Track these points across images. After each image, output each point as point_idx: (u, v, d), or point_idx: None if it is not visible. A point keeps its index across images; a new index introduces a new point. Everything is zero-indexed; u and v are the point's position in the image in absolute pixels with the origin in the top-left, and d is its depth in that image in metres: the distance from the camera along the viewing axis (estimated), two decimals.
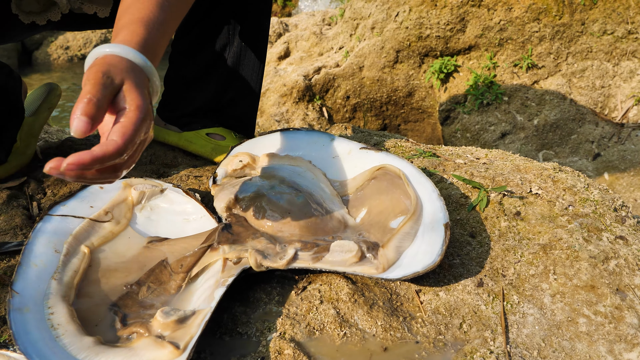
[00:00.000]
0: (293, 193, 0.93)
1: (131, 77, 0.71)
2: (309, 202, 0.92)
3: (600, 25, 2.52)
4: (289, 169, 1.02)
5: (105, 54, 0.72)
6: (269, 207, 0.90)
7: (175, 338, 0.68)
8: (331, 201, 0.96)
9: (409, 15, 2.73)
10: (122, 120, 0.67)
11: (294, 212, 0.89)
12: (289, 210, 0.89)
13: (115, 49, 0.73)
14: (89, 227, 0.87)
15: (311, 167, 1.03)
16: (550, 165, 1.09)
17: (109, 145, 0.64)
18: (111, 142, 0.65)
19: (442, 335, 0.75)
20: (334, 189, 1.01)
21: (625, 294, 0.82)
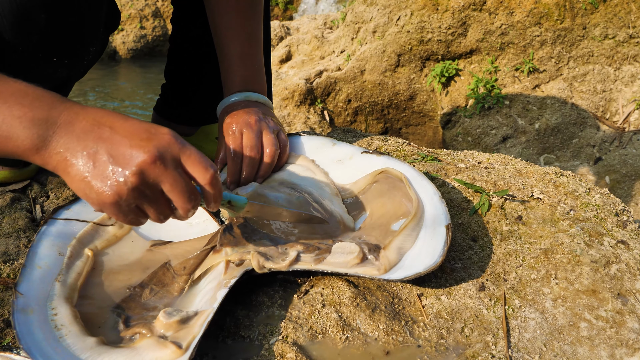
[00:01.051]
0: (292, 193, 0.94)
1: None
2: (308, 202, 0.92)
3: (602, 29, 2.53)
4: (288, 170, 1.03)
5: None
6: (266, 209, 0.90)
7: (178, 338, 0.69)
8: (330, 200, 0.96)
9: (411, 19, 2.74)
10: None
11: (293, 212, 0.90)
12: (286, 210, 0.90)
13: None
14: (92, 230, 0.88)
15: (312, 167, 1.04)
16: (551, 170, 1.10)
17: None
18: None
19: (443, 339, 0.75)
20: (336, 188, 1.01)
21: (627, 299, 0.82)
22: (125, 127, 0.66)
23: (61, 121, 0.65)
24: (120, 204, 0.66)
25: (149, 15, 6.31)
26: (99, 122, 0.66)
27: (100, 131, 0.65)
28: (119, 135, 0.65)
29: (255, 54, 1.10)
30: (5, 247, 0.92)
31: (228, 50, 1.08)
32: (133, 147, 0.65)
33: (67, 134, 0.64)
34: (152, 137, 0.66)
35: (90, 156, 0.64)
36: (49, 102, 0.66)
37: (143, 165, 0.65)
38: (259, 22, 1.11)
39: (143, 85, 5.26)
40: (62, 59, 0.95)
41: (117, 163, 0.64)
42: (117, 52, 6.14)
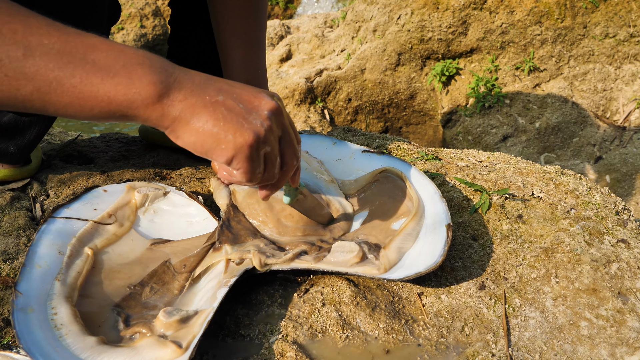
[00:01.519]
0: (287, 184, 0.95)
1: None
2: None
3: (602, 28, 2.53)
4: None
5: None
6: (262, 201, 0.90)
7: (178, 337, 0.69)
8: (327, 188, 0.96)
9: (411, 18, 2.74)
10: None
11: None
12: (285, 202, 0.90)
13: None
14: (92, 229, 0.88)
15: (306, 157, 1.04)
16: (552, 169, 1.09)
17: None
18: None
19: (444, 338, 0.75)
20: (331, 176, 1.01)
21: (627, 298, 0.82)
22: (237, 83, 0.68)
23: (178, 72, 0.63)
24: (256, 148, 0.66)
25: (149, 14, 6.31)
26: (211, 78, 0.66)
27: (219, 84, 0.65)
28: (237, 88, 0.67)
29: (258, 59, 1.11)
30: (5, 245, 0.92)
31: (231, 54, 1.08)
32: (257, 97, 0.67)
33: (187, 83, 0.63)
34: (266, 91, 0.69)
35: (220, 103, 0.63)
36: (159, 56, 0.64)
37: (272, 109, 0.67)
38: (262, 27, 1.12)
39: None
40: None
41: (248, 109, 0.66)
42: None
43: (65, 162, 1.24)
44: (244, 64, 1.09)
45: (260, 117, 0.66)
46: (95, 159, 1.26)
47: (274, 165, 0.71)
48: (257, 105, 0.67)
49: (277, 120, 0.68)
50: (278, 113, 0.68)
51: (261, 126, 0.65)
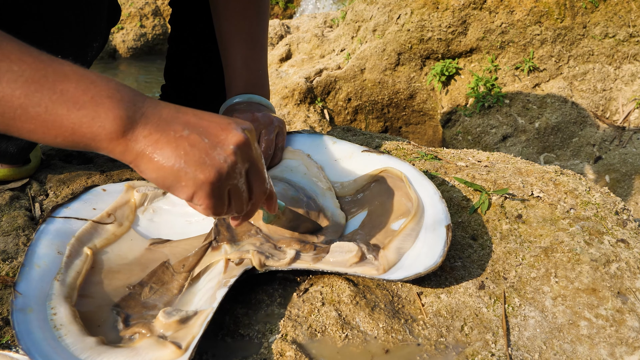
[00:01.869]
0: (287, 188, 0.94)
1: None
2: (302, 199, 0.92)
3: (602, 28, 2.53)
4: (282, 165, 1.03)
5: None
6: None
7: (178, 338, 0.69)
8: (323, 196, 0.96)
9: (411, 18, 2.74)
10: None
11: (285, 206, 0.90)
12: (280, 205, 0.90)
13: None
14: (91, 229, 0.88)
15: (307, 162, 1.04)
16: (551, 169, 1.09)
17: None
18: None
19: (443, 338, 0.75)
20: (333, 186, 1.01)
21: (627, 297, 0.82)
22: (207, 114, 0.67)
23: (146, 106, 0.63)
24: (218, 186, 0.65)
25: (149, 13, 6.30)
26: (180, 110, 0.66)
27: (186, 117, 0.65)
28: (205, 120, 0.66)
29: (260, 59, 1.11)
30: (4, 245, 0.91)
31: (233, 54, 1.08)
32: (224, 130, 0.66)
33: (154, 118, 0.62)
34: (237, 122, 0.68)
35: (183, 138, 0.63)
36: (130, 88, 0.64)
37: (239, 143, 0.66)
38: (264, 27, 1.13)
39: (143, 83, 5.26)
40: (67, 56, 0.95)
41: (213, 143, 0.64)
42: (117, 50, 6.13)
43: (65, 161, 1.24)
44: (246, 64, 1.09)
45: (225, 152, 0.64)
46: (95, 158, 1.26)
47: (240, 199, 0.69)
48: (223, 140, 0.65)
49: (243, 154, 0.67)
50: (245, 147, 0.67)
51: (224, 162, 0.64)
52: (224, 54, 1.11)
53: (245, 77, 1.08)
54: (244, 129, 0.67)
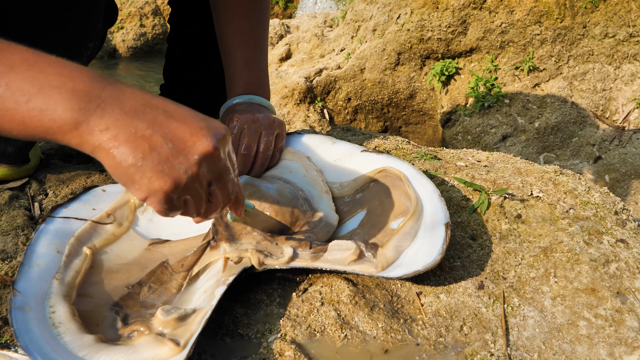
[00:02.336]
0: (284, 185, 0.94)
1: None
2: (297, 197, 0.92)
3: (602, 28, 2.53)
4: (281, 166, 1.03)
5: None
6: (256, 195, 0.90)
7: (176, 335, 0.69)
8: (319, 198, 0.96)
9: (411, 18, 2.74)
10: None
11: (282, 204, 0.90)
12: (277, 201, 0.90)
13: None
14: (91, 229, 0.88)
15: (306, 164, 1.04)
16: (551, 168, 1.09)
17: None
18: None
19: (442, 338, 0.75)
20: (332, 188, 1.01)
21: (626, 297, 0.82)
22: (180, 113, 0.61)
23: (106, 95, 0.57)
24: (173, 195, 0.61)
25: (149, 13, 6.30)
26: (150, 103, 0.60)
27: (154, 113, 0.59)
28: (175, 120, 0.60)
29: (260, 59, 1.11)
30: (3, 245, 0.91)
31: (234, 55, 1.08)
32: (193, 135, 0.60)
33: (113, 110, 0.56)
34: (211, 127, 0.62)
35: (144, 139, 0.57)
36: (90, 74, 0.58)
37: (206, 154, 0.61)
38: (265, 28, 1.12)
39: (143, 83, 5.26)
40: (62, 56, 0.95)
41: (177, 150, 0.59)
42: (117, 50, 6.13)
43: (64, 161, 1.24)
44: (246, 64, 1.09)
45: (188, 162, 0.60)
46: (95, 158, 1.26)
47: (197, 205, 0.66)
48: (189, 147, 0.60)
49: (208, 166, 0.62)
50: (212, 158, 0.62)
51: (184, 173, 0.60)
52: (224, 54, 1.11)
53: (245, 78, 1.08)
54: (216, 136, 0.62)
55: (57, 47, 0.93)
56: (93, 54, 1.04)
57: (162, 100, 0.62)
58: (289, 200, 0.91)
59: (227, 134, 0.65)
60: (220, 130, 0.63)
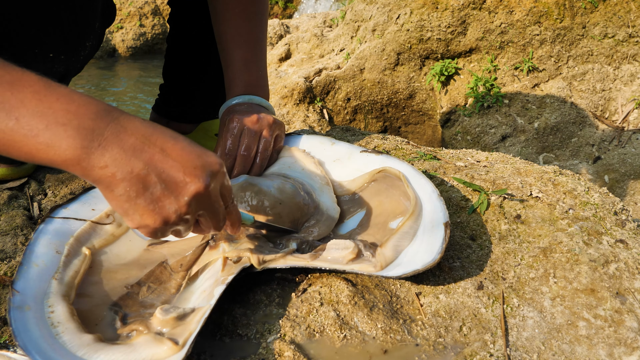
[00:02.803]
0: (285, 181, 0.94)
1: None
2: (299, 191, 0.93)
3: (601, 28, 2.53)
4: (279, 162, 1.04)
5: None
6: (258, 195, 0.90)
7: (175, 335, 0.69)
8: (320, 190, 0.96)
9: (410, 18, 2.74)
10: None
11: (284, 202, 0.90)
12: (279, 199, 0.90)
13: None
14: (90, 229, 0.88)
15: (304, 158, 1.04)
16: (550, 169, 1.09)
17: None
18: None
19: (442, 338, 0.75)
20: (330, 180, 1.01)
21: (625, 298, 0.82)
22: (177, 150, 0.64)
23: (108, 133, 0.61)
24: (162, 229, 0.66)
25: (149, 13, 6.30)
26: (149, 140, 0.63)
27: (152, 152, 0.63)
28: (171, 159, 0.63)
29: (259, 60, 1.11)
30: (2, 245, 0.91)
31: (233, 55, 1.08)
32: (187, 175, 0.64)
33: (114, 149, 0.61)
34: (205, 165, 0.65)
35: (140, 178, 0.62)
36: (94, 110, 0.62)
37: (196, 195, 0.64)
38: (263, 28, 1.13)
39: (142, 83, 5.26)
40: (59, 55, 0.95)
41: (170, 190, 0.63)
42: (117, 49, 6.13)
43: None
44: (246, 65, 1.09)
45: (178, 203, 0.64)
46: None
47: (184, 232, 0.70)
48: (181, 188, 0.63)
49: (199, 204, 0.66)
50: (202, 197, 0.65)
51: (174, 213, 0.64)
52: (223, 55, 1.11)
53: (245, 78, 1.08)
54: (209, 175, 0.65)
55: (54, 45, 0.93)
56: (91, 53, 1.04)
57: (161, 135, 0.65)
58: (290, 196, 0.91)
59: (220, 168, 0.67)
60: (213, 168, 0.66)
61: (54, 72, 0.99)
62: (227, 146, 0.99)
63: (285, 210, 0.90)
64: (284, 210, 0.90)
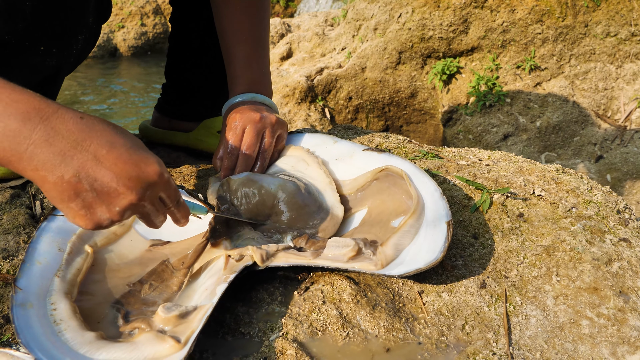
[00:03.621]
0: (286, 179, 0.94)
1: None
2: (300, 190, 0.92)
3: (604, 27, 2.52)
4: (282, 161, 1.04)
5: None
6: (259, 192, 0.90)
7: (177, 333, 0.69)
8: (323, 190, 0.96)
9: (412, 17, 2.73)
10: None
11: (284, 199, 0.90)
12: (279, 196, 0.90)
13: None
14: None
15: (306, 156, 1.04)
16: (553, 167, 1.09)
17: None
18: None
19: (444, 337, 0.75)
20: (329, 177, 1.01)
21: (629, 296, 0.82)
22: (111, 159, 0.62)
23: (36, 137, 0.59)
24: (96, 230, 0.66)
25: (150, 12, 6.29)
26: (81, 145, 0.61)
27: (83, 158, 0.61)
28: (104, 168, 0.62)
29: (262, 57, 1.11)
30: (4, 243, 0.91)
31: (235, 53, 1.08)
32: (120, 185, 0.62)
33: (43, 154, 0.59)
34: (141, 176, 0.64)
35: (71, 185, 0.61)
36: (23, 110, 0.60)
37: (129, 206, 0.64)
38: (266, 26, 1.12)
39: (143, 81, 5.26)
40: (50, 48, 0.94)
41: (101, 199, 0.62)
42: (118, 49, 6.13)
43: None
44: (248, 62, 1.09)
45: (110, 212, 0.63)
46: None
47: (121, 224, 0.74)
48: (113, 198, 0.62)
49: (133, 212, 0.66)
50: (137, 207, 0.65)
51: (106, 220, 0.64)
52: (225, 53, 1.10)
53: (247, 76, 1.08)
54: (144, 187, 0.64)
55: (45, 38, 0.92)
56: (86, 48, 1.04)
57: (96, 139, 0.62)
58: (291, 194, 0.91)
59: (158, 179, 0.66)
60: (150, 179, 0.65)
61: (47, 66, 0.98)
62: (229, 145, 0.99)
63: (284, 207, 0.89)
64: (283, 207, 0.89)
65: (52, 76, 1.04)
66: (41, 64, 0.96)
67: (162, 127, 1.38)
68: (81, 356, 0.65)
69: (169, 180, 0.69)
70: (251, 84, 1.08)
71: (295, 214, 0.90)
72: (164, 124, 1.38)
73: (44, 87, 1.03)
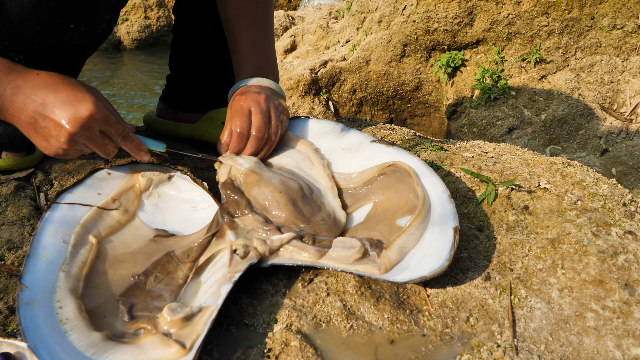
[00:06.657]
0: (288, 177, 0.94)
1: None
2: (302, 189, 0.92)
3: (610, 19, 2.50)
4: (287, 156, 1.03)
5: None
6: (262, 183, 0.90)
7: (182, 336, 0.68)
8: (325, 193, 0.95)
9: (417, 9, 2.72)
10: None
11: (285, 194, 0.89)
12: (280, 190, 0.89)
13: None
14: (96, 215, 0.87)
15: (313, 157, 1.02)
16: (559, 160, 1.08)
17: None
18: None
19: (448, 329, 0.75)
20: (338, 181, 1.00)
21: (634, 289, 0.81)
22: (54, 102, 0.83)
23: (7, 94, 0.83)
24: (62, 155, 0.87)
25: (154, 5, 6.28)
26: (36, 94, 0.83)
27: (36, 104, 0.83)
28: (48, 109, 0.83)
29: (267, 42, 1.10)
30: (9, 234, 0.92)
31: (240, 39, 1.07)
32: (62, 118, 0.83)
33: (12, 104, 0.83)
34: (75, 112, 0.83)
35: (31, 124, 0.84)
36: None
37: (70, 137, 0.84)
38: (270, 11, 1.11)
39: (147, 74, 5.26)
40: (79, 26, 0.95)
41: (51, 132, 0.84)
42: (122, 42, 6.12)
43: None
44: (254, 47, 1.07)
45: (59, 142, 0.84)
46: None
47: (83, 152, 0.90)
48: (58, 132, 0.83)
49: (80, 140, 0.85)
50: (79, 136, 0.84)
51: (59, 148, 0.85)
52: (230, 39, 1.09)
53: (253, 61, 1.07)
54: (81, 120, 0.83)
55: (74, 17, 0.93)
56: (108, 28, 1.04)
57: (44, 89, 0.84)
58: (293, 193, 0.90)
59: (93, 115, 0.84)
60: (83, 114, 0.83)
61: (73, 45, 0.99)
62: (237, 126, 0.98)
63: (282, 200, 0.89)
64: (283, 201, 0.89)
65: (76, 56, 1.05)
66: (69, 42, 0.97)
67: (166, 118, 1.38)
68: (88, 359, 0.65)
69: (107, 116, 0.87)
70: (257, 69, 1.07)
71: (295, 209, 0.89)
72: (169, 115, 1.38)
73: (69, 66, 1.06)
